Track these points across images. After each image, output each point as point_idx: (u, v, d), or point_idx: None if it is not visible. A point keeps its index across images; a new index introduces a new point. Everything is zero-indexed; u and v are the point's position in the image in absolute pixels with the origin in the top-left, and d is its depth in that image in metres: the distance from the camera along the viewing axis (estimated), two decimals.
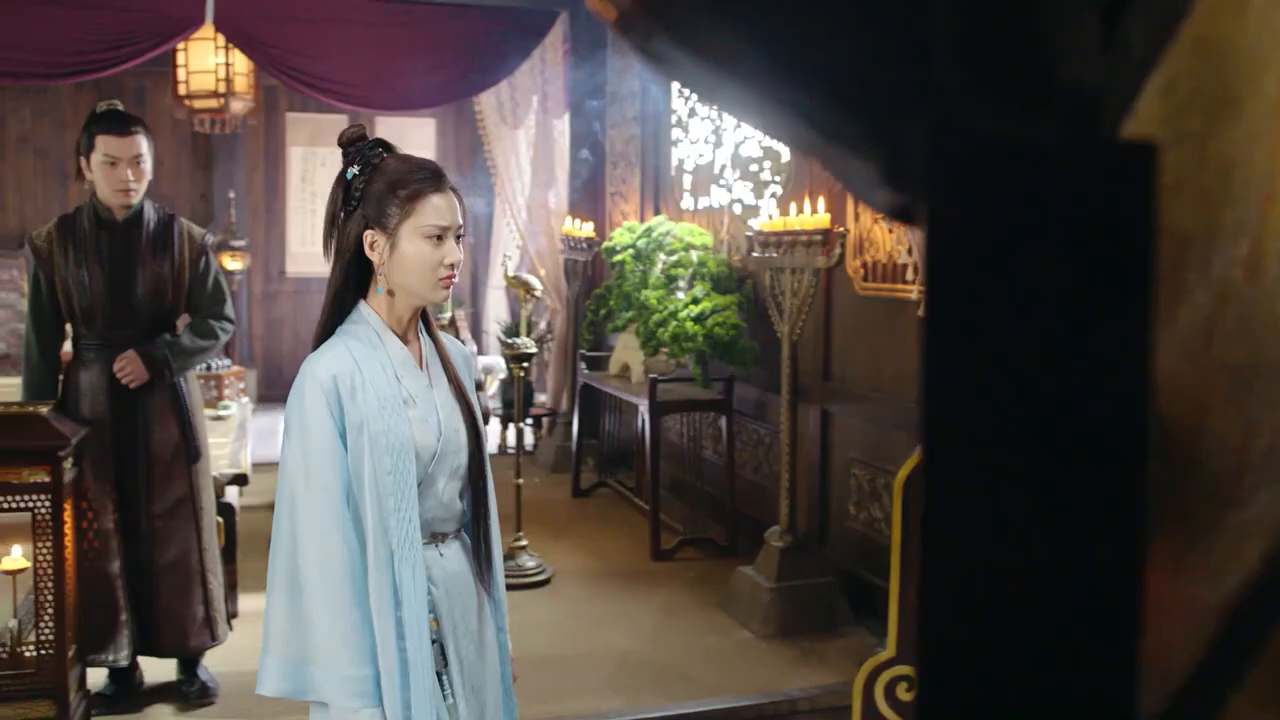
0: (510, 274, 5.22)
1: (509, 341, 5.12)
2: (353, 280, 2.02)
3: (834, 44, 0.40)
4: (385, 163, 2.01)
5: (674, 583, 5.20)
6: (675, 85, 6.70)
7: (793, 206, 4.67)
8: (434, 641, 1.98)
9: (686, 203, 6.67)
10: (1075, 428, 0.37)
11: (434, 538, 2.04)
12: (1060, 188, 0.38)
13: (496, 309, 10.11)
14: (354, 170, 2.00)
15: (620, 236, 6.18)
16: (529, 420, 7.58)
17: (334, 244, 2.04)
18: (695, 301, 5.54)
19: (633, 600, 4.94)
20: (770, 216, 4.93)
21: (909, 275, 4.18)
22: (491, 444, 6.94)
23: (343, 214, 2.02)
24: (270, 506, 2.13)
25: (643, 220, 6.94)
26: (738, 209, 5.98)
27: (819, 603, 4.64)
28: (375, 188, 1.98)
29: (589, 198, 7.64)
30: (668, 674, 4.16)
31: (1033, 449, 0.37)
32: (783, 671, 4.17)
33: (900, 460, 4.51)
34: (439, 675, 1.99)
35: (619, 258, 6.09)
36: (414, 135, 10.88)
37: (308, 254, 10.80)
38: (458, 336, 5.69)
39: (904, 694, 2.93)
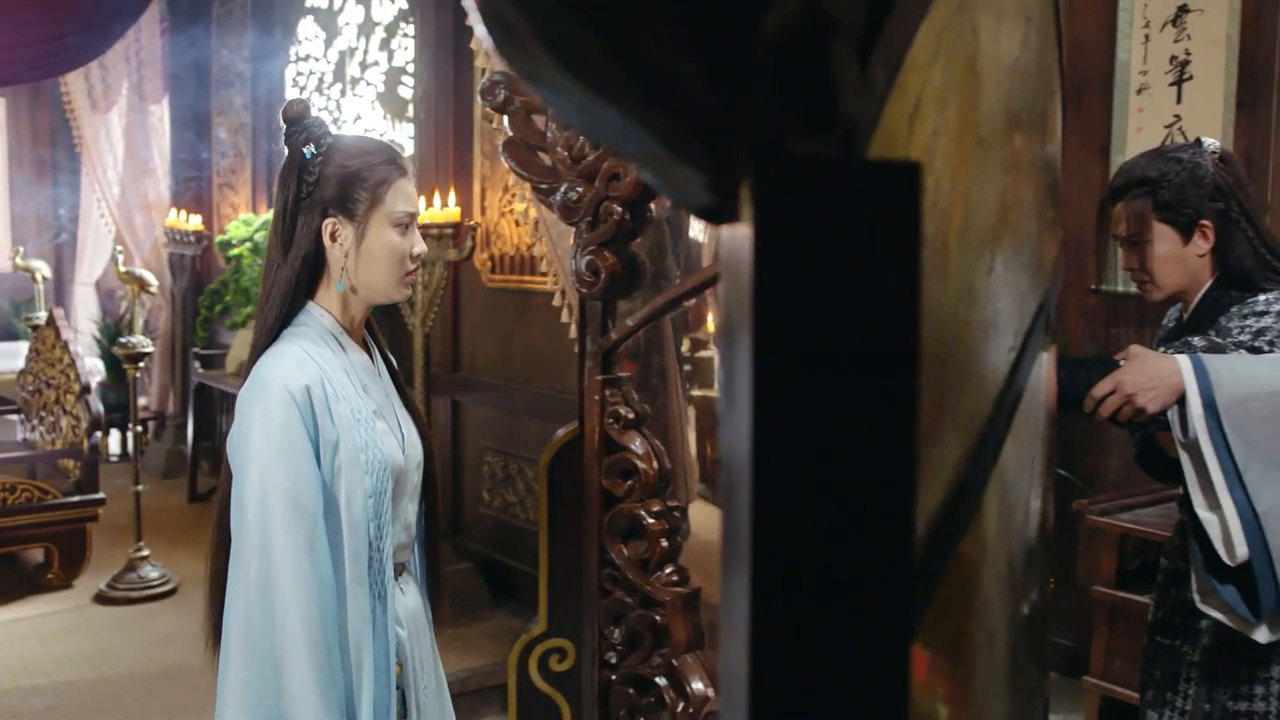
0: (123, 269, 4.88)
1: (124, 341, 4.79)
2: (305, 277, 1.77)
3: (691, 75, 0.51)
4: (340, 142, 1.79)
5: None
6: (290, 74, 6.51)
7: (421, 200, 4.71)
8: (396, 688, 1.75)
9: None
10: (863, 405, 0.49)
11: (395, 569, 1.79)
12: (847, 199, 0.51)
13: (87, 307, 9.35)
14: (310, 149, 1.76)
15: (236, 229, 5.94)
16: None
17: (283, 235, 1.77)
18: None
19: None
20: None
21: (542, 268, 4.34)
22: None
23: (296, 200, 1.76)
24: None
25: (256, 212, 6.69)
26: None
27: (459, 590, 4.73)
28: (333, 170, 1.75)
29: (194, 188, 7.26)
30: None
31: (839, 428, 0.49)
32: None
33: (533, 445, 4.68)
34: None
35: (235, 251, 5.86)
36: None
37: None
38: (59, 338, 5.23)
39: (556, 665, 3.07)
